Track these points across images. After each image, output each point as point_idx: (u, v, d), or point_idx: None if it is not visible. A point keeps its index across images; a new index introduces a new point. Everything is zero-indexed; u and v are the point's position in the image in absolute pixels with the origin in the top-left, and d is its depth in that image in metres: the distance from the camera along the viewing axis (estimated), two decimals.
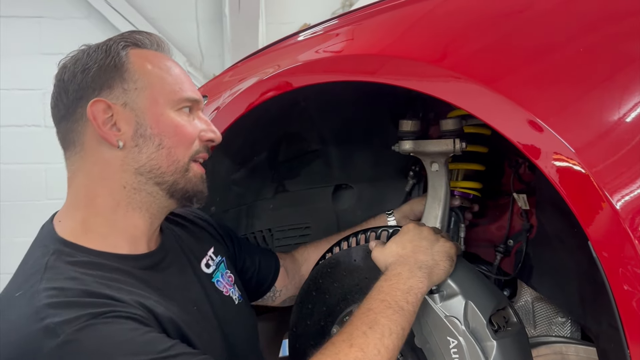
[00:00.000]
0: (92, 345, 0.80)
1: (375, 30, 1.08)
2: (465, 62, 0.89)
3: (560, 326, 1.22)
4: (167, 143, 0.98)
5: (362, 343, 0.86)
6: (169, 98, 1.00)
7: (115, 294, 0.88)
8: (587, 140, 0.78)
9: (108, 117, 0.96)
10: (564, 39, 0.83)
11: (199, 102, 1.06)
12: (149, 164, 0.98)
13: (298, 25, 4.29)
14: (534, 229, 1.21)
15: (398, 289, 0.95)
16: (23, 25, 4.07)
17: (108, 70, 0.98)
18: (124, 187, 0.98)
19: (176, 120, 1.00)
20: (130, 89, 0.98)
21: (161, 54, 1.06)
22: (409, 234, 1.07)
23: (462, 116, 1.14)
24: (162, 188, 0.99)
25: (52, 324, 0.80)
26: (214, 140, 1.06)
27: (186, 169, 1.01)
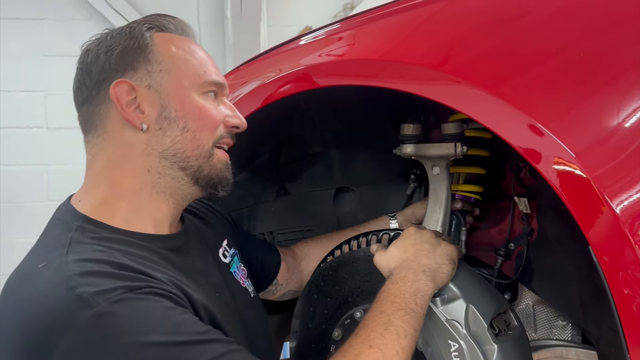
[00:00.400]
0: (127, 320, 0.76)
1: (376, 34, 1.09)
2: (466, 67, 0.89)
3: (561, 330, 1.22)
4: (192, 126, 0.96)
5: (380, 344, 0.85)
6: (193, 81, 0.98)
7: (148, 270, 0.85)
8: (588, 145, 0.79)
9: (132, 99, 0.94)
10: (564, 44, 0.84)
11: (224, 86, 1.04)
12: (173, 148, 0.95)
13: (300, 28, 4.30)
14: (535, 232, 1.21)
15: (406, 291, 0.94)
16: (25, 26, 4.08)
17: (132, 51, 0.96)
18: (147, 170, 0.96)
19: (201, 103, 0.98)
20: (155, 71, 0.96)
21: (186, 37, 1.04)
22: (410, 237, 1.06)
23: (463, 120, 1.14)
24: (187, 173, 0.97)
25: (85, 293, 0.76)
26: (239, 127, 1.04)
27: (210, 154, 0.99)
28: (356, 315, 1.15)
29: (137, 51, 0.96)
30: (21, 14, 4.06)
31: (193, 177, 0.98)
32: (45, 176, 4.02)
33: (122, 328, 0.76)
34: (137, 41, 0.97)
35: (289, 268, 1.36)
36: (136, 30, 0.98)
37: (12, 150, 4.06)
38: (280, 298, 1.39)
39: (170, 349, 0.77)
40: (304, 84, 1.13)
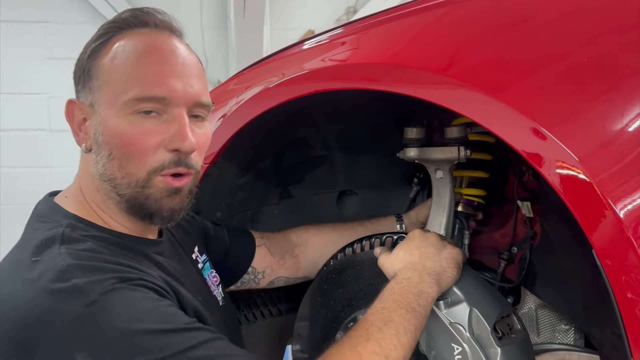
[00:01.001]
0: (120, 308, 0.77)
1: (380, 39, 1.09)
2: (470, 71, 0.89)
3: (564, 333, 1.22)
4: (116, 154, 0.88)
5: (378, 338, 0.86)
6: (120, 99, 0.86)
7: (138, 266, 0.87)
8: (591, 149, 0.79)
9: (82, 119, 0.92)
10: (567, 48, 0.84)
11: (171, 98, 0.87)
12: (106, 174, 0.90)
13: (302, 32, 4.32)
14: (538, 236, 1.21)
15: (409, 291, 0.95)
16: (29, 30, 4.09)
17: (85, 64, 0.91)
18: (98, 191, 0.93)
19: (122, 127, 0.86)
20: (95, 87, 0.89)
21: (143, 33, 0.91)
22: (415, 240, 1.07)
23: (466, 124, 1.15)
24: (123, 200, 0.91)
25: (80, 283, 0.77)
26: (181, 150, 0.89)
27: (144, 185, 0.89)
28: (359, 318, 1.16)
29: (86, 65, 0.91)
30: (25, 17, 4.09)
31: (128, 204, 0.91)
32: (48, 178, 4.03)
33: (116, 316, 0.77)
34: (85, 53, 0.92)
35: (273, 253, 1.32)
36: (90, 42, 0.92)
37: (15, 152, 4.08)
38: (270, 286, 1.34)
39: (162, 336, 0.77)
40: (308, 88, 1.14)
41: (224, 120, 1.30)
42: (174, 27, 0.95)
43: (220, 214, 1.42)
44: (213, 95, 1.48)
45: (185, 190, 0.93)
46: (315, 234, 1.36)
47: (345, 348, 0.85)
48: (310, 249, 1.34)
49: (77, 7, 4.12)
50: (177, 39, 0.94)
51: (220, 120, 1.30)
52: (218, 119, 1.30)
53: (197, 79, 0.93)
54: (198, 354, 0.78)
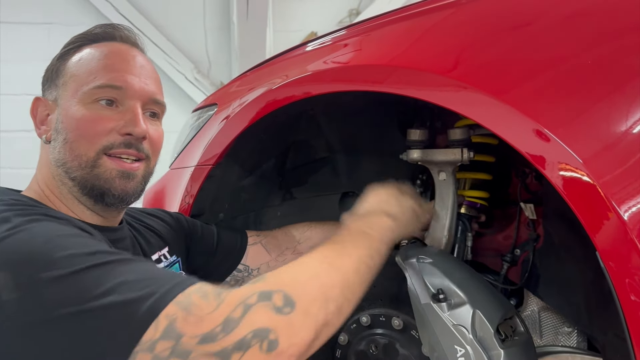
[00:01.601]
0: (41, 231, 0.77)
1: (384, 41, 1.09)
2: (474, 73, 0.90)
3: (567, 336, 1.22)
4: (70, 137, 0.96)
5: (322, 251, 0.84)
6: (81, 90, 0.97)
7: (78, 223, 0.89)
8: (595, 151, 0.79)
9: (46, 115, 1.01)
10: (571, 50, 0.84)
11: (126, 89, 0.98)
12: (59, 158, 0.97)
13: (305, 34, 4.32)
14: (541, 239, 1.21)
15: (361, 221, 0.97)
16: (33, 31, 4.11)
17: (53, 66, 1.03)
18: (53, 177, 0.99)
19: (80, 113, 0.96)
20: (59, 85, 1.00)
21: (109, 44, 1.03)
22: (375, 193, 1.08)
23: (469, 126, 1.15)
24: (74, 183, 0.97)
25: (9, 215, 0.79)
26: (133, 134, 0.98)
27: (93, 164, 0.96)
28: (362, 320, 1.16)
29: (54, 66, 1.03)
30: (28, 18, 4.10)
31: (80, 186, 0.97)
32: None
33: (35, 235, 0.76)
34: (56, 57, 1.04)
35: (268, 251, 1.33)
36: (63, 47, 1.04)
37: (17, 153, 4.09)
38: None
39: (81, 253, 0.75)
40: (311, 89, 1.14)
41: (227, 122, 1.30)
42: (137, 42, 1.07)
43: (223, 215, 1.42)
44: (217, 97, 1.50)
45: (138, 176, 1.00)
46: (318, 232, 1.37)
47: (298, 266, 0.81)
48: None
49: (80, 9, 4.14)
50: (138, 51, 1.06)
51: (224, 122, 1.30)
52: (221, 120, 1.30)
53: (153, 81, 1.04)
54: (119, 269, 0.74)
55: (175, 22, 4.25)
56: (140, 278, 0.73)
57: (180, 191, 1.38)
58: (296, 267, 0.79)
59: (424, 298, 1.02)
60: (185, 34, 4.25)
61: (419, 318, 1.03)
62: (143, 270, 0.76)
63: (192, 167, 1.37)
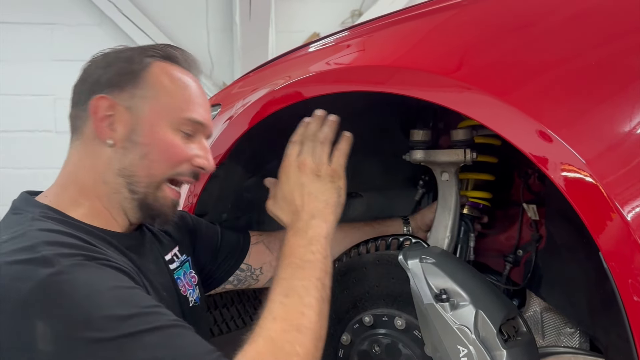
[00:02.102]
0: (83, 282, 0.80)
1: (388, 41, 1.09)
2: (478, 74, 0.90)
3: (569, 337, 1.22)
4: (152, 156, 1.00)
5: (282, 314, 0.87)
6: (170, 115, 1.01)
7: (105, 250, 0.91)
8: (598, 152, 0.79)
9: (108, 115, 0.99)
10: (575, 51, 0.84)
11: (205, 126, 1.06)
12: (129, 169, 1.00)
13: (308, 34, 4.33)
14: (544, 239, 1.21)
15: (299, 245, 0.97)
16: (36, 32, 4.12)
17: (125, 73, 1.01)
18: (105, 182, 1.00)
19: (169, 137, 1.01)
20: (138, 96, 1.01)
21: (187, 72, 1.08)
22: (290, 181, 1.06)
23: (472, 126, 1.15)
24: (134, 197, 1.01)
25: (49, 255, 0.81)
26: (205, 169, 1.06)
27: (158, 186, 1.02)
28: (365, 320, 1.16)
29: (130, 74, 1.01)
30: (32, 19, 4.11)
31: (138, 202, 1.01)
32: (53, 179, 4.04)
33: (78, 288, 0.79)
34: (133, 65, 1.02)
35: (271, 250, 1.34)
36: (136, 56, 1.03)
37: (20, 153, 4.10)
38: (268, 284, 1.34)
39: (118, 316, 0.78)
40: (313, 90, 1.14)
41: (230, 123, 1.30)
42: (198, 71, 1.12)
43: (226, 215, 1.43)
44: (220, 97, 1.50)
45: (177, 202, 1.07)
46: None
47: (258, 337, 0.85)
48: None
49: (83, 10, 4.15)
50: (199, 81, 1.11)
51: (227, 122, 1.30)
52: (225, 121, 1.30)
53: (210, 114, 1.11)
54: (152, 340, 0.78)
55: (178, 22, 4.26)
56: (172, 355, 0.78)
57: (183, 191, 1.38)
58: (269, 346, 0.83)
59: (426, 298, 1.02)
60: (188, 35, 4.26)
61: (422, 318, 1.03)
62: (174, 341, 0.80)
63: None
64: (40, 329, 0.75)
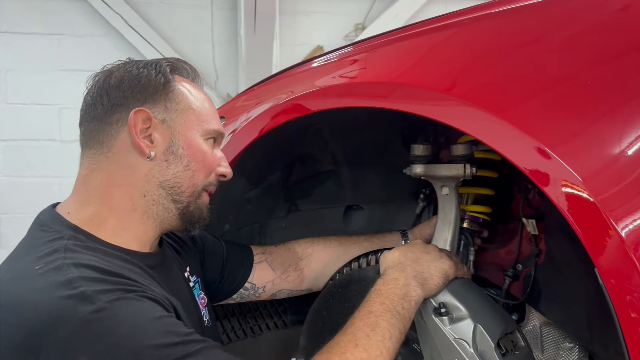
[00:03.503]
0: (125, 316, 0.81)
1: (389, 58, 1.11)
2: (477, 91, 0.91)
3: (568, 352, 1.22)
4: (193, 166, 1.04)
5: (366, 344, 0.89)
6: (201, 126, 1.06)
7: (140, 279, 0.91)
8: (594, 169, 0.80)
9: (146, 128, 1.01)
10: (571, 71, 0.86)
11: (223, 135, 1.13)
12: (173, 180, 1.02)
13: (311, 47, 4.35)
14: (543, 254, 1.22)
15: (395, 294, 0.99)
16: (43, 42, 4.15)
17: (156, 85, 1.03)
18: (144, 195, 1.01)
19: (204, 147, 1.06)
20: (172, 109, 1.04)
21: (197, 85, 1.13)
22: (415, 246, 1.12)
23: (472, 141, 1.16)
24: (177, 207, 1.04)
25: (88, 291, 0.81)
26: (226, 176, 1.12)
27: (199, 194, 1.07)
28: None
29: (161, 87, 1.04)
30: (39, 29, 4.14)
31: (180, 212, 1.05)
32: (57, 188, 4.06)
33: (120, 323, 0.80)
34: (162, 77, 1.04)
35: (273, 269, 1.35)
36: (162, 68, 1.06)
37: (25, 162, 4.12)
38: (272, 297, 1.39)
39: (163, 345, 0.81)
40: (316, 105, 1.16)
41: (234, 135, 1.32)
42: (202, 81, 1.16)
43: (228, 226, 1.44)
44: (225, 110, 1.52)
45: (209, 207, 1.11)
46: (320, 248, 1.38)
47: (333, 355, 0.87)
48: (315, 263, 1.37)
49: (90, 21, 4.18)
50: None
51: (231, 135, 1.32)
52: (228, 133, 1.32)
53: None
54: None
55: (183, 34, 4.29)
56: None
57: None
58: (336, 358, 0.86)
59: (425, 312, 1.03)
60: (193, 47, 4.28)
61: (421, 331, 1.04)
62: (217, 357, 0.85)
63: None
64: None
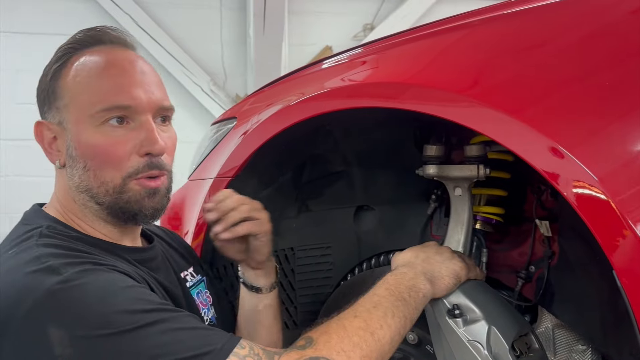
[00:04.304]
0: (93, 286, 0.79)
1: (402, 58, 1.11)
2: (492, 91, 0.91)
3: (581, 354, 1.21)
4: (91, 164, 0.93)
5: (366, 317, 0.88)
6: (87, 112, 0.92)
7: (111, 259, 0.89)
8: (610, 169, 0.80)
9: (52, 137, 0.97)
10: (589, 70, 0.85)
11: (134, 107, 0.92)
12: (82, 185, 0.95)
13: (320, 48, 4.36)
14: (556, 255, 1.21)
15: (402, 284, 0.98)
16: (52, 42, 4.17)
17: (47, 86, 0.97)
18: (74, 200, 0.97)
19: (94, 139, 0.91)
20: (61, 107, 0.94)
21: (100, 50, 0.96)
22: (428, 247, 1.11)
23: (485, 142, 1.16)
24: (102, 207, 0.95)
25: (55, 264, 0.80)
26: (152, 153, 0.94)
27: (121, 190, 0.94)
28: None
29: (48, 86, 0.96)
30: (49, 29, 4.18)
31: (108, 210, 0.96)
32: None
33: (87, 291, 0.78)
34: (47, 75, 0.97)
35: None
36: (52, 65, 0.97)
37: (34, 161, 4.15)
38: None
39: (132, 311, 0.78)
40: (327, 106, 1.16)
41: (245, 137, 1.32)
42: (127, 42, 1.00)
43: None
44: (234, 111, 1.52)
45: (162, 190, 0.98)
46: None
47: (331, 322, 0.87)
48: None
49: (99, 21, 4.20)
50: (132, 52, 1.00)
51: (242, 137, 1.32)
52: (240, 135, 1.32)
53: (156, 86, 0.98)
54: (165, 327, 0.78)
55: (193, 35, 4.31)
56: (192, 336, 0.79)
57: (199, 202, 1.40)
58: (341, 332, 0.85)
59: (439, 313, 1.03)
60: (203, 47, 4.31)
61: (434, 333, 1.03)
62: (192, 328, 0.80)
63: (211, 178, 1.39)
64: (55, 335, 0.75)
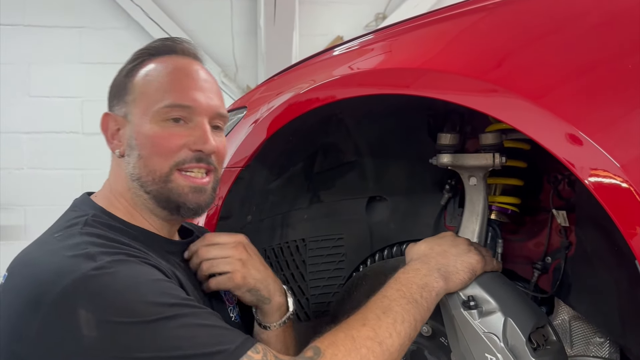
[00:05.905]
0: (125, 274, 0.85)
1: (415, 44, 1.09)
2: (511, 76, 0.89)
3: (598, 346, 1.19)
4: (144, 153, 1.02)
5: (374, 324, 0.89)
6: (151, 108, 1.02)
7: (149, 253, 0.95)
8: (633, 156, 0.77)
9: (117, 129, 1.06)
10: (611, 54, 0.83)
11: (193, 108, 1.02)
12: (134, 173, 1.03)
13: (331, 38, 4.34)
14: (573, 246, 1.19)
15: (414, 282, 0.97)
16: (64, 35, 4.20)
17: (120, 82, 1.07)
18: (129, 189, 1.05)
19: (153, 131, 1.01)
20: (129, 101, 1.04)
21: (171, 58, 1.07)
22: (443, 238, 1.09)
23: (502, 130, 1.13)
24: (150, 197, 1.03)
25: (92, 251, 0.87)
26: (204, 151, 1.03)
27: (166, 179, 1.02)
28: None
29: (122, 82, 1.06)
30: (61, 22, 4.19)
31: (155, 200, 1.03)
32: (81, 180, 4.11)
33: (120, 280, 0.84)
34: (122, 72, 1.07)
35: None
36: (127, 62, 1.08)
37: (48, 154, 4.18)
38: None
39: (159, 304, 0.84)
40: (338, 94, 1.14)
41: (256, 126, 1.31)
42: (196, 55, 1.11)
43: (250, 217, 1.43)
44: (246, 101, 1.51)
45: (209, 189, 1.06)
46: None
47: (339, 331, 0.88)
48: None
49: (111, 13, 4.22)
50: (199, 63, 1.10)
51: (253, 126, 1.31)
52: (250, 124, 1.31)
53: (215, 94, 1.08)
54: (184, 321, 0.84)
55: (203, 26, 4.30)
56: (208, 334, 0.84)
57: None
58: (349, 344, 0.86)
59: (454, 305, 1.01)
60: (213, 38, 4.30)
61: (449, 325, 1.02)
62: (210, 325, 0.86)
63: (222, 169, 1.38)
64: (84, 317, 0.81)
